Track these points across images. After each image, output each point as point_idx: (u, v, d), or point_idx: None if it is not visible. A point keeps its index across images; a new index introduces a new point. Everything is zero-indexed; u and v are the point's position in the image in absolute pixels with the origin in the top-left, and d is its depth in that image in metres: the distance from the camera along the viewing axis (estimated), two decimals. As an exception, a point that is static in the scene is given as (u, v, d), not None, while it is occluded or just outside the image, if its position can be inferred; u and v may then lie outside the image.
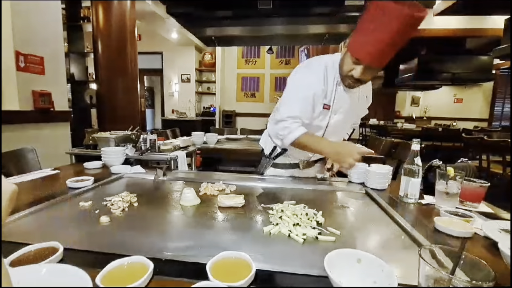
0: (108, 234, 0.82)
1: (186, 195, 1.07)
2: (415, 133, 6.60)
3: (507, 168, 3.39)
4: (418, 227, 0.87)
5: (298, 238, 0.79)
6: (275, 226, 0.86)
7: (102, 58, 3.73)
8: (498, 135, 5.28)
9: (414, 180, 1.10)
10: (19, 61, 2.28)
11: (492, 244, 0.76)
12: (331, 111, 1.27)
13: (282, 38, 7.02)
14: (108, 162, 1.61)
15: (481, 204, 1.09)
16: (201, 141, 3.02)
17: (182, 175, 1.52)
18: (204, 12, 4.47)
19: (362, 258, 0.61)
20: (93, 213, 0.95)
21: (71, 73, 4.45)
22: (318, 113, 1.27)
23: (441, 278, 0.45)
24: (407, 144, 2.49)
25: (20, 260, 0.61)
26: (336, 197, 1.24)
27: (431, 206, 1.09)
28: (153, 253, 0.67)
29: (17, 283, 0.51)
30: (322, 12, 4.19)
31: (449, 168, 1.06)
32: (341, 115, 1.29)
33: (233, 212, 1.00)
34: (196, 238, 0.80)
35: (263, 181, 1.42)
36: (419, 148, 1.10)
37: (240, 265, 0.61)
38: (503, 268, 0.65)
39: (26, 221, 0.89)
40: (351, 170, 1.32)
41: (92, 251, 0.69)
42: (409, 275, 0.59)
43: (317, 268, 0.62)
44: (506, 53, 3.71)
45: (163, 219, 0.96)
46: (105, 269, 0.56)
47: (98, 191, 1.22)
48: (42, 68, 2.51)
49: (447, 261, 0.52)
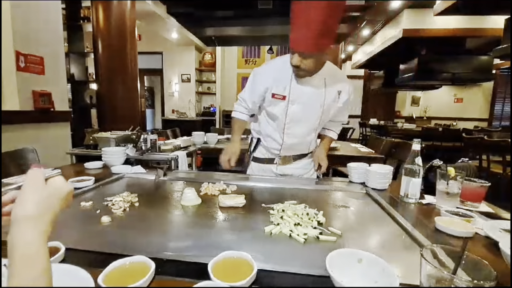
0: (110, 234, 0.82)
1: (187, 195, 1.07)
2: (415, 133, 6.61)
3: (507, 168, 3.39)
4: (418, 227, 0.87)
5: (299, 238, 0.79)
6: (276, 226, 0.86)
7: (102, 58, 3.73)
8: (498, 135, 5.28)
9: (415, 180, 1.10)
10: (19, 61, 2.28)
11: (493, 244, 0.76)
12: (288, 101, 1.37)
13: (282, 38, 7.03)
14: (108, 162, 1.61)
15: (481, 204, 1.09)
16: (202, 141, 3.02)
17: (183, 175, 1.52)
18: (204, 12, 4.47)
19: (363, 258, 0.61)
20: (94, 213, 0.95)
21: (71, 73, 4.44)
22: (269, 101, 1.40)
23: (443, 278, 0.45)
24: (408, 144, 2.49)
25: (21, 260, 0.61)
26: (336, 197, 1.24)
27: (431, 206, 1.09)
28: (155, 253, 0.67)
29: (19, 283, 0.51)
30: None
31: (450, 168, 1.07)
32: (299, 106, 1.37)
33: (234, 212, 1.00)
34: (197, 238, 0.80)
35: (263, 181, 1.42)
36: (420, 148, 1.10)
37: (241, 265, 0.61)
38: (504, 268, 0.65)
39: (27, 221, 0.88)
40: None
41: (93, 251, 0.69)
42: (410, 275, 0.59)
43: (318, 268, 0.62)
44: (506, 53, 3.71)
45: (164, 219, 0.96)
46: (107, 269, 0.56)
47: (99, 191, 1.22)
48: (42, 68, 2.51)
49: (448, 261, 0.52)
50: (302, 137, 1.46)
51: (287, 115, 1.39)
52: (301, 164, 1.57)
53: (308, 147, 1.54)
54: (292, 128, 1.43)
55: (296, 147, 1.51)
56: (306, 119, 1.41)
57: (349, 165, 1.43)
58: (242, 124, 1.55)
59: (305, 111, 1.39)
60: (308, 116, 1.41)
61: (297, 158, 1.55)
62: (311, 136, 1.49)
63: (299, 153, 1.54)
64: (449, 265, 0.51)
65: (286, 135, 1.45)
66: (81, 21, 4.43)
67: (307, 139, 1.49)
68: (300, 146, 1.51)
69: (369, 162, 1.42)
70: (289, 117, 1.40)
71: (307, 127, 1.43)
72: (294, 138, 1.46)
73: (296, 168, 1.56)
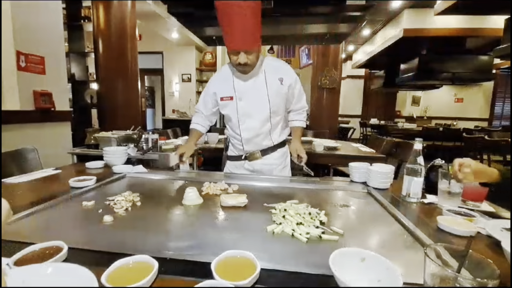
0: (112, 233, 0.82)
1: (189, 195, 1.07)
2: (416, 133, 6.61)
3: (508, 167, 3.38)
4: (420, 226, 0.87)
5: (302, 237, 0.79)
6: (278, 225, 0.86)
7: (103, 58, 3.73)
8: (499, 134, 5.28)
9: (417, 179, 1.10)
10: (20, 61, 2.28)
11: (494, 243, 0.76)
12: (236, 99, 1.51)
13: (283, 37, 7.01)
14: (110, 161, 1.61)
15: (483, 203, 1.09)
16: (202, 141, 3.02)
17: (184, 175, 1.52)
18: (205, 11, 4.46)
19: (366, 257, 0.61)
20: (96, 213, 0.95)
21: (71, 73, 4.44)
22: (221, 106, 1.57)
23: (447, 277, 0.45)
24: (408, 144, 2.49)
25: (25, 259, 0.61)
26: (338, 197, 1.24)
27: (433, 206, 1.09)
28: (157, 252, 0.67)
29: (23, 282, 0.51)
30: (323, 11, 4.18)
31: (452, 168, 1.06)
32: (246, 101, 1.50)
33: (236, 212, 1.00)
34: (199, 237, 0.80)
35: (265, 180, 1.42)
36: (422, 148, 1.10)
37: (244, 264, 0.61)
38: (507, 267, 0.65)
39: (30, 221, 0.89)
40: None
41: (96, 250, 0.69)
42: (413, 274, 0.59)
43: (321, 267, 0.62)
44: (506, 52, 3.71)
45: (166, 218, 0.96)
46: (110, 268, 0.56)
47: (100, 191, 1.22)
48: (43, 68, 2.51)
49: (451, 260, 0.52)
50: (257, 129, 1.54)
51: (238, 112, 1.52)
52: (271, 160, 1.62)
53: (270, 139, 1.59)
54: (246, 123, 1.54)
55: (257, 141, 1.57)
56: (256, 111, 1.51)
57: (351, 164, 1.43)
58: (198, 133, 1.67)
59: (252, 104, 1.50)
60: (257, 108, 1.51)
61: (264, 153, 1.60)
62: (266, 126, 1.55)
63: (264, 148, 1.59)
64: (452, 264, 0.51)
65: (242, 130, 1.55)
66: (81, 20, 4.43)
67: (263, 130, 1.55)
68: (259, 139, 1.57)
69: (370, 162, 1.42)
70: (239, 113, 1.52)
71: (259, 118, 1.52)
72: (250, 131, 1.54)
73: (265, 164, 1.62)
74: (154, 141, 2.16)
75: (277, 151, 1.62)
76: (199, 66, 8.51)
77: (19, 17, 2.26)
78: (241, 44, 1.33)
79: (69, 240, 0.68)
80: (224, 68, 1.57)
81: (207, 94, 1.60)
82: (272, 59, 1.57)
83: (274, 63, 1.54)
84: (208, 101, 1.61)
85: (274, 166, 1.63)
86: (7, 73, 2.24)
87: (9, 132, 2.18)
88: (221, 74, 1.57)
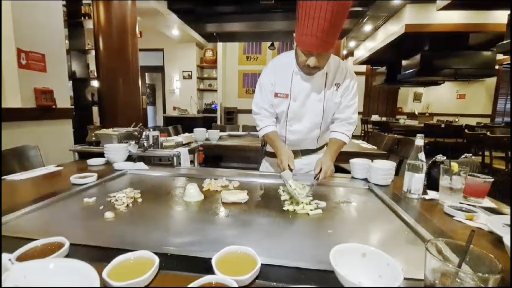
0: (113, 229, 0.83)
1: (190, 191, 1.07)
2: (418, 129, 6.58)
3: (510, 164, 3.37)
4: (421, 222, 0.87)
5: (312, 212, 0.96)
6: (291, 204, 1.02)
7: (103, 55, 3.72)
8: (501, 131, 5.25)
9: (418, 175, 1.09)
10: (21, 58, 2.28)
11: (496, 239, 0.76)
12: (290, 99, 1.40)
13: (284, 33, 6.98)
14: (111, 158, 1.61)
15: (485, 199, 1.09)
16: (203, 138, 3.02)
17: (185, 172, 1.52)
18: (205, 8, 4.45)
19: (367, 253, 0.61)
20: (97, 209, 0.95)
21: (72, 70, 4.44)
22: (276, 101, 1.42)
23: (448, 271, 0.45)
24: (410, 140, 2.48)
25: (27, 255, 0.61)
26: (339, 193, 1.24)
27: (434, 202, 1.09)
28: (158, 248, 0.67)
29: (24, 277, 0.51)
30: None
31: (453, 164, 1.06)
32: (301, 103, 1.39)
33: (236, 208, 1.00)
34: (200, 234, 0.80)
35: (266, 177, 1.42)
36: (423, 144, 1.10)
37: (245, 260, 0.61)
38: (508, 262, 0.65)
39: (31, 217, 0.89)
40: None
41: (98, 246, 0.69)
42: (414, 269, 0.59)
43: (322, 262, 0.62)
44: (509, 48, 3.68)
45: (167, 215, 0.96)
46: (111, 264, 0.57)
47: (101, 188, 1.22)
48: (44, 66, 2.51)
49: (452, 255, 0.52)
50: (304, 133, 1.46)
51: (289, 112, 1.42)
52: (310, 160, 1.52)
53: (315, 143, 1.53)
54: (294, 125, 1.45)
55: (301, 144, 1.51)
56: (307, 115, 1.42)
57: (352, 161, 1.43)
58: (275, 134, 1.45)
59: (306, 107, 1.40)
60: (309, 112, 1.41)
61: (305, 153, 1.54)
62: (314, 132, 1.47)
63: (306, 148, 1.53)
64: (453, 259, 0.51)
65: (289, 132, 1.47)
66: (82, 18, 4.42)
67: (310, 135, 1.48)
68: (304, 143, 1.51)
69: (372, 158, 1.42)
70: (290, 114, 1.42)
71: (310, 122, 1.43)
72: (296, 135, 1.47)
73: (304, 164, 1.54)
74: (155, 138, 2.16)
75: (318, 152, 1.56)
76: (200, 63, 8.49)
77: (19, 15, 2.26)
78: (320, 46, 1.15)
79: (70, 236, 0.68)
80: (282, 59, 1.41)
81: (264, 88, 1.43)
82: (337, 59, 1.40)
83: (339, 65, 1.39)
84: (267, 95, 1.43)
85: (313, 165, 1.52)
86: (8, 70, 2.24)
87: (10, 129, 2.19)
88: (279, 66, 1.41)
